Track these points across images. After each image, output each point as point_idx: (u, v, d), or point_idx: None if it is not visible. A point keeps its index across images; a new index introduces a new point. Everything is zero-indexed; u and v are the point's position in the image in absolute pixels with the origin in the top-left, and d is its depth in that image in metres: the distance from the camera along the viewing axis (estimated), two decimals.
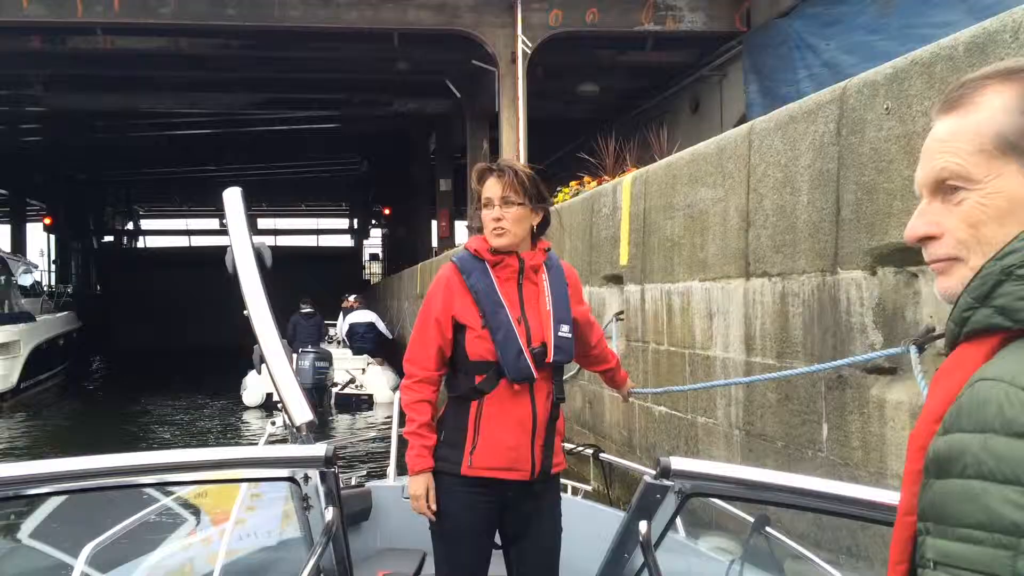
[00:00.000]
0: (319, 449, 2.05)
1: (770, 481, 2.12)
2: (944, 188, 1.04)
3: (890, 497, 1.79)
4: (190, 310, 32.33)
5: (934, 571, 0.91)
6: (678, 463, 2.06)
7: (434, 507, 2.65)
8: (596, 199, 6.93)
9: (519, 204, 2.69)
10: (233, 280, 2.82)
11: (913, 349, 3.25)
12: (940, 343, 3.26)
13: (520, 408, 2.67)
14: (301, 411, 2.62)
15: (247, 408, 14.12)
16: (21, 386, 16.23)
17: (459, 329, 2.70)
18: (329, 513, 2.15)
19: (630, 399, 3.62)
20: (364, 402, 14.46)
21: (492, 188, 2.72)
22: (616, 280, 6.46)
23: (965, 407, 0.93)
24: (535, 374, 2.66)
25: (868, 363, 3.53)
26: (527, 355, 2.65)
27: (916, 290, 3.40)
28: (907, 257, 3.39)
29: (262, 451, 2.65)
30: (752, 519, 2.64)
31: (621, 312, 6.25)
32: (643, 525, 2.23)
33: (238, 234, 2.89)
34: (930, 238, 1.06)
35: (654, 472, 2.12)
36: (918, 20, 11.22)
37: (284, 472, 2.25)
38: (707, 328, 4.96)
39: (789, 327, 4.11)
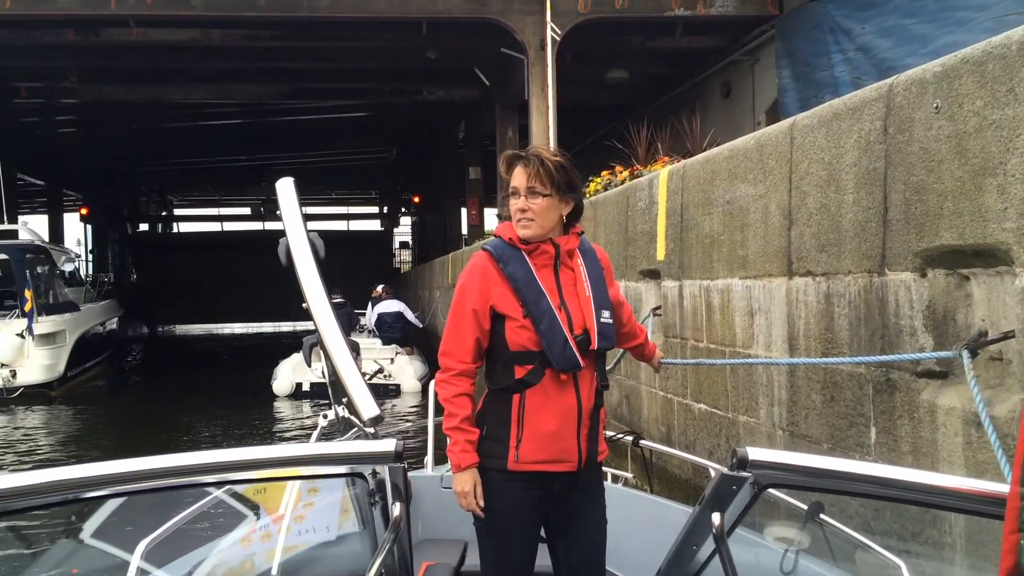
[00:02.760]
0: (389, 444, 2.02)
1: (852, 471, 2.02)
2: None
3: (984, 486, 1.76)
4: (223, 293, 32.89)
5: None
6: (755, 453, 1.99)
7: (482, 503, 2.59)
8: (631, 193, 6.88)
9: (545, 195, 2.61)
10: (288, 271, 2.79)
11: (965, 353, 3.19)
12: (993, 348, 3.20)
13: (565, 398, 2.60)
14: (368, 406, 2.59)
15: (276, 397, 14.30)
16: (68, 375, 16.55)
17: (498, 319, 2.61)
18: (396, 508, 2.12)
19: (661, 369, 3.57)
20: (392, 391, 14.58)
21: (518, 177, 2.63)
22: (653, 275, 6.42)
23: None
24: (581, 362, 2.60)
25: (918, 367, 3.48)
26: (572, 343, 2.58)
27: (968, 293, 3.34)
28: (958, 259, 3.33)
29: (332, 447, 2.63)
30: (805, 507, 2.60)
31: (658, 307, 6.21)
32: (716, 517, 2.19)
33: (293, 224, 2.83)
34: None
35: (728, 465, 2.06)
36: (956, 2, 10.99)
37: (352, 468, 2.25)
38: (748, 327, 4.91)
39: (834, 328, 4.06)
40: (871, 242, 3.77)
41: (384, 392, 14.55)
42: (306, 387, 13.95)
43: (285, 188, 2.88)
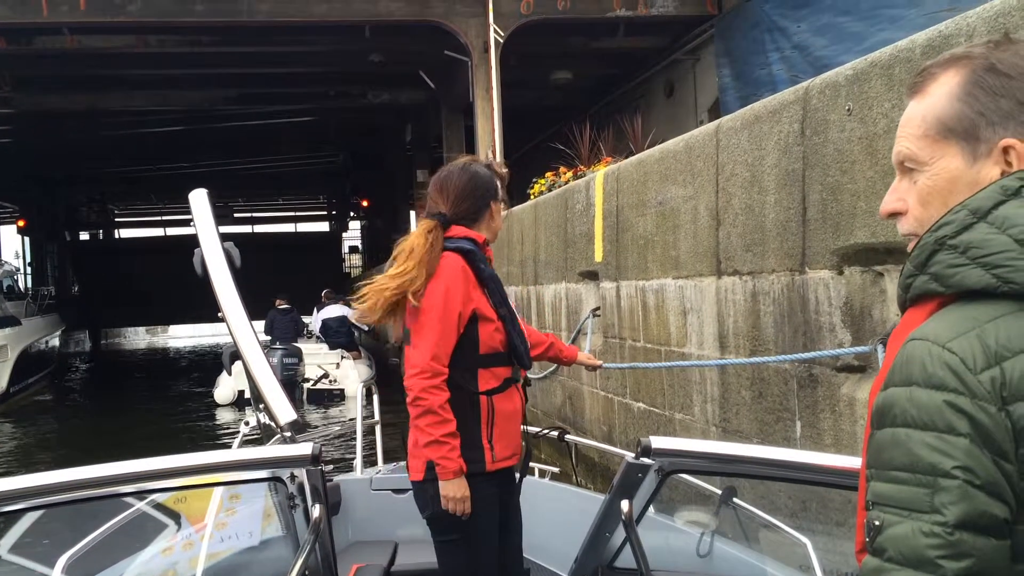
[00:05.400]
0: (305, 448, 2.06)
1: (745, 454, 2.18)
2: (904, 168, 1.12)
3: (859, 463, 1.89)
4: (168, 296, 32.36)
5: (871, 511, 1.01)
6: (658, 442, 2.11)
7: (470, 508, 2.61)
8: (570, 195, 6.95)
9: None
10: (204, 282, 2.79)
11: (880, 348, 3.30)
12: None
13: (517, 395, 2.74)
14: (284, 411, 2.61)
15: (219, 406, 14.18)
16: (10, 391, 16.16)
17: (471, 322, 2.63)
18: (316, 510, 2.16)
19: (596, 370, 3.68)
20: (336, 396, 14.53)
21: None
22: (592, 276, 6.49)
23: (897, 364, 1.02)
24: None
25: (838, 362, 3.59)
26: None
27: (882, 289, 3.45)
28: (873, 257, 3.43)
29: (249, 453, 2.64)
30: (719, 492, 2.69)
31: (598, 308, 6.28)
32: (625, 504, 2.27)
33: (207, 236, 2.85)
34: (898, 213, 1.14)
35: (634, 453, 2.16)
36: (888, 0, 11.25)
37: (272, 472, 2.27)
38: (682, 326, 4.99)
39: (761, 325, 4.15)
40: (792, 241, 3.87)
41: (328, 397, 14.51)
42: (248, 395, 13.86)
43: (198, 199, 2.88)
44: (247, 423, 3.96)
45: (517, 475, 2.83)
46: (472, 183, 2.75)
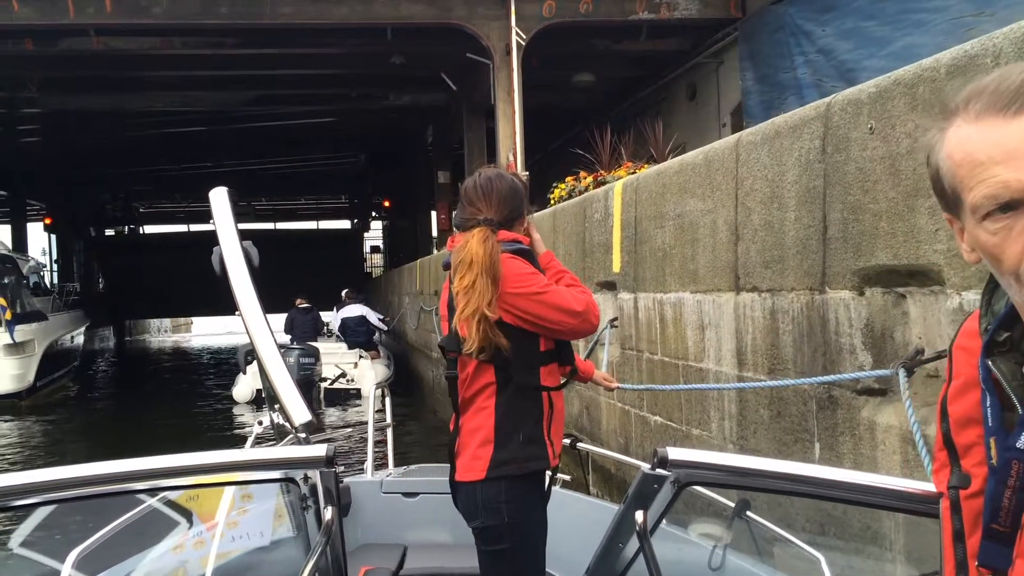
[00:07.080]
0: (320, 449, 2.05)
1: (764, 468, 2.12)
2: None
3: (885, 481, 1.86)
4: (191, 293, 32.66)
5: None
6: (675, 453, 2.07)
7: None
8: (588, 204, 6.90)
9: None
10: (222, 280, 2.80)
11: (902, 372, 3.23)
12: (930, 366, 3.24)
13: (562, 396, 2.84)
14: (299, 411, 2.60)
15: (237, 404, 14.28)
16: (36, 385, 16.39)
17: None
18: (328, 512, 2.15)
19: (612, 391, 3.72)
20: (353, 396, 14.60)
21: None
22: (610, 286, 6.44)
23: None
24: None
25: (858, 384, 3.52)
26: None
27: (904, 311, 3.37)
28: (895, 279, 3.36)
29: (263, 453, 2.64)
30: (733, 504, 2.65)
31: (615, 319, 6.21)
32: (639, 515, 2.25)
33: (226, 234, 2.85)
34: None
35: (650, 464, 2.13)
36: (914, 4, 11.08)
37: (285, 473, 2.27)
38: (699, 340, 4.93)
39: (780, 344, 4.09)
40: (812, 260, 3.80)
41: (345, 397, 14.58)
42: (269, 397, 13.94)
43: (218, 198, 2.87)
44: (260, 422, 3.97)
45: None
46: (512, 189, 2.86)
